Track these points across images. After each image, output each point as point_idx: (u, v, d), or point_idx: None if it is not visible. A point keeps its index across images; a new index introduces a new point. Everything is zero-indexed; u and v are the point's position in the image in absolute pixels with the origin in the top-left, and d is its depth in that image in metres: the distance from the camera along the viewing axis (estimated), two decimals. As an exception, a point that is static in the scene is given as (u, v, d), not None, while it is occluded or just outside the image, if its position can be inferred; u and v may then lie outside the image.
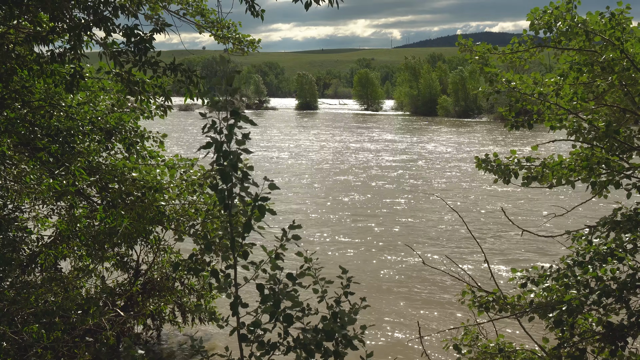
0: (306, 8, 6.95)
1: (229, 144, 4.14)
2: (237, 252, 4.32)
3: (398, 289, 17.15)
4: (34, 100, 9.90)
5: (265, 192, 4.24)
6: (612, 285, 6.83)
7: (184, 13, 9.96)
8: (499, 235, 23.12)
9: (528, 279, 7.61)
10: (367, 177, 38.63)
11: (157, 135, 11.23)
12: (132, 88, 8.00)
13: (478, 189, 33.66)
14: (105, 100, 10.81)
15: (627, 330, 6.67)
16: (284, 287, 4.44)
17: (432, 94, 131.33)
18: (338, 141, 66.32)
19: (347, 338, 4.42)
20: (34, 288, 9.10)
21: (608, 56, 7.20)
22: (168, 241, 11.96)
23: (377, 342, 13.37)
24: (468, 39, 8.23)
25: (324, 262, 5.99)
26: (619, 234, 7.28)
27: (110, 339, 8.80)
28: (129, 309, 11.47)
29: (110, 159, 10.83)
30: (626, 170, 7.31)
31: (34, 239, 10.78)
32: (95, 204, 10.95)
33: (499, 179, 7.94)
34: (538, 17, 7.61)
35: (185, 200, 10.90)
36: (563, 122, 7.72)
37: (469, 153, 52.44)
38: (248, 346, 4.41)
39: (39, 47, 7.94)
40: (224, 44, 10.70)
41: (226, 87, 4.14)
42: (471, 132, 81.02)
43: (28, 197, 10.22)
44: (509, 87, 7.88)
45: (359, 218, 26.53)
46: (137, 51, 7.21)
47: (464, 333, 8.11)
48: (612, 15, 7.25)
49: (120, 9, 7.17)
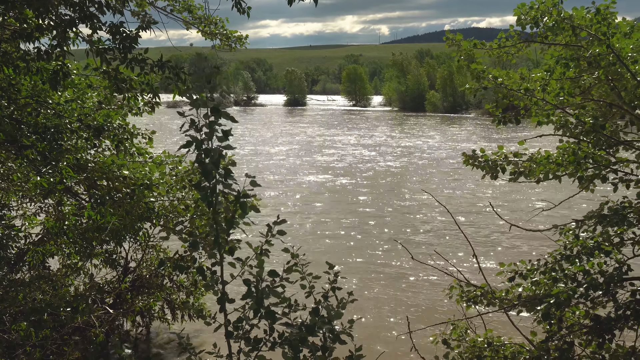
0: (289, 4, 6.94)
1: (211, 142, 4.14)
2: (223, 249, 4.32)
3: (386, 284, 17.19)
4: (21, 98, 9.84)
5: (249, 188, 4.24)
6: (599, 279, 6.89)
7: (171, 9, 9.93)
8: (488, 230, 23.21)
9: (516, 272, 7.66)
10: (355, 173, 38.65)
11: (146, 132, 11.20)
12: (119, 85, 7.96)
13: (466, 185, 33.75)
14: (92, 97, 10.76)
15: (614, 323, 6.72)
16: (270, 283, 4.45)
17: (420, 89, 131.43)
18: (326, 137, 66.28)
19: (334, 333, 4.43)
20: (22, 286, 9.06)
21: (594, 51, 7.23)
22: (157, 238, 11.93)
23: (366, 337, 13.39)
24: (456, 34, 8.25)
25: (312, 258, 6.00)
26: (606, 228, 7.33)
27: (99, 336, 8.78)
28: (118, 306, 11.44)
29: (99, 157, 10.79)
30: (612, 164, 7.35)
31: (22, 237, 10.72)
32: (83, 201, 10.91)
33: (486, 174, 7.97)
34: (525, 12, 7.63)
35: (175, 196, 10.89)
36: (550, 117, 7.75)
37: (457, 148, 52.52)
38: (236, 342, 4.42)
39: (25, 45, 7.90)
40: (211, 40, 10.68)
41: (206, 84, 4.14)
42: (459, 127, 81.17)
43: (15, 195, 10.16)
44: (495, 83, 7.90)
45: (347, 214, 26.56)
46: (123, 48, 7.17)
47: (453, 328, 8.15)
48: (598, 10, 7.28)
49: (106, 5, 7.13)
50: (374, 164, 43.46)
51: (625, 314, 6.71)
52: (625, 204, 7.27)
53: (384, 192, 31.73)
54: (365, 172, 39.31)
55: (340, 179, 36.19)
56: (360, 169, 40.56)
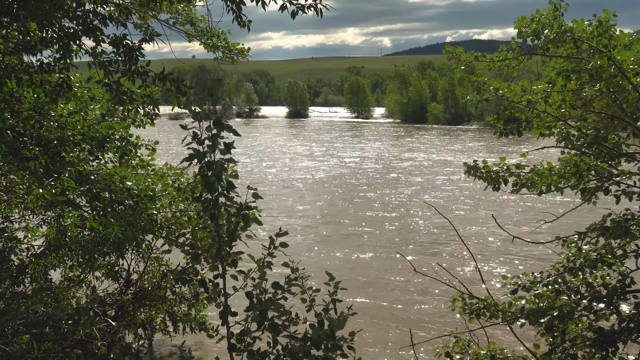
0: (292, 17, 6.97)
1: (213, 154, 4.14)
2: (225, 262, 4.32)
3: (388, 296, 17.14)
4: (24, 110, 9.86)
5: (250, 201, 4.23)
6: (602, 291, 6.87)
7: (174, 22, 9.96)
8: (490, 242, 23.16)
9: (519, 285, 7.64)
10: (358, 185, 38.64)
11: (150, 143, 11.23)
12: (120, 97, 7.98)
13: (469, 196, 33.71)
14: (95, 110, 10.79)
15: (618, 336, 6.70)
16: (273, 296, 4.44)
17: (422, 101, 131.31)
18: (327, 149, 66.33)
19: (336, 345, 4.42)
20: (24, 299, 9.05)
21: (596, 63, 7.24)
22: (159, 250, 11.92)
23: (368, 350, 13.35)
24: (456, 47, 8.26)
25: (313, 270, 5.99)
26: (609, 240, 7.32)
27: (101, 349, 8.76)
28: (120, 318, 11.41)
29: (102, 169, 10.80)
30: (615, 176, 7.35)
31: (24, 249, 10.72)
32: (86, 213, 10.91)
33: (488, 186, 7.97)
34: (525, 24, 7.65)
35: (177, 208, 10.89)
36: (552, 130, 7.76)
37: (459, 160, 52.50)
38: (239, 355, 4.40)
39: (28, 57, 7.93)
40: (213, 53, 10.71)
41: (208, 96, 4.14)
42: (461, 139, 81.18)
43: (17, 207, 10.17)
44: (496, 95, 7.91)
45: (350, 225, 26.54)
46: (126, 60, 7.20)
47: (455, 341, 8.12)
48: (600, 22, 7.29)
49: (109, 18, 7.16)
50: (375, 175, 43.45)
51: (629, 326, 6.69)
52: (628, 216, 7.27)
53: (386, 204, 31.71)
54: (366, 183, 39.29)
55: (341, 191, 36.18)
56: (361, 181, 40.55)
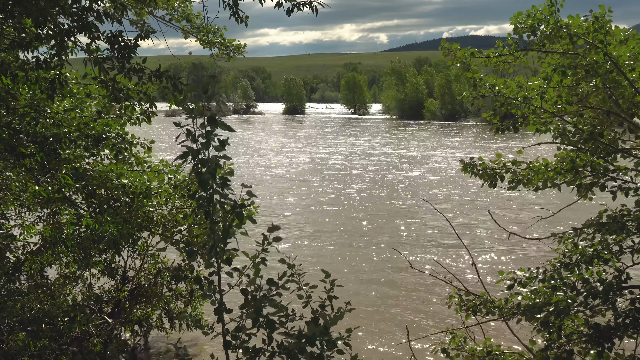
0: (288, 14, 6.95)
1: (207, 151, 4.12)
2: (220, 259, 4.31)
3: (384, 293, 17.16)
4: (20, 107, 9.83)
5: (245, 198, 4.22)
6: (598, 287, 6.87)
7: (170, 18, 9.93)
8: (486, 238, 23.19)
9: (515, 281, 7.64)
10: (354, 181, 38.64)
11: (145, 142, 11.20)
12: (116, 95, 7.96)
13: (465, 193, 33.74)
14: (90, 107, 10.75)
15: (614, 332, 6.70)
16: (267, 292, 4.43)
17: (419, 97, 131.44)
18: (323, 145, 66.32)
19: (331, 342, 4.41)
20: (20, 296, 9.03)
21: (592, 59, 7.24)
22: (155, 247, 11.90)
23: (365, 347, 13.36)
24: (452, 43, 8.25)
25: (308, 266, 5.99)
26: (605, 236, 7.33)
27: (97, 346, 8.74)
28: (116, 315, 11.40)
29: (99, 166, 10.77)
30: (611, 172, 7.35)
31: (20, 246, 10.69)
32: (82, 210, 10.88)
33: (485, 182, 7.97)
34: (521, 20, 7.64)
35: (173, 205, 10.88)
36: (548, 126, 7.76)
37: (455, 156, 52.53)
38: (234, 352, 4.40)
39: (24, 54, 7.90)
40: (209, 49, 10.68)
41: (202, 93, 4.12)
42: (458, 135, 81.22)
43: (13, 204, 10.14)
44: (493, 91, 7.91)
45: (344, 221, 26.55)
46: (121, 57, 7.18)
47: (452, 337, 8.13)
48: (596, 18, 7.29)
49: (105, 15, 7.13)
50: (371, 171, 43.45)
51: (625, 322, 6.69)
52: (624, 212, 7.27)
53: (382, 200, 31.72)
54: (362, 180, 39.30)
55: (337, 187, 36.17)
56: (357, 177, 40.55)
